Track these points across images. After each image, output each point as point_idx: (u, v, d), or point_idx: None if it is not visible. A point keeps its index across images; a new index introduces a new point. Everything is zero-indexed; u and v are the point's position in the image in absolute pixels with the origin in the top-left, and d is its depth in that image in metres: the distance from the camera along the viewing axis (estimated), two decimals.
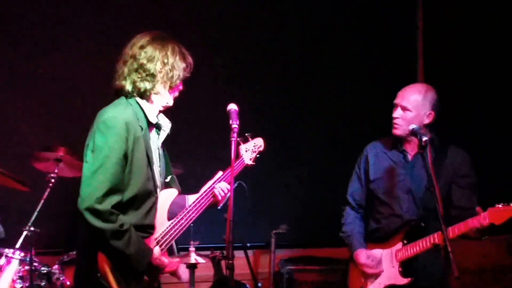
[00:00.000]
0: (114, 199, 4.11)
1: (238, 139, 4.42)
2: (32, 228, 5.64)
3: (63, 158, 5.90)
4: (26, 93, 6.80)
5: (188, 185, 4.70)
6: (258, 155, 4.81)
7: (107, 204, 4.07)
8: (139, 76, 4.26)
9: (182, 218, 4.40)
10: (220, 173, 4.60)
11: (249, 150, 4.76)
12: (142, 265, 4.20)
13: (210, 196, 4.53)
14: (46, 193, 5.83)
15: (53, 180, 5.89)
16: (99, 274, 4.13)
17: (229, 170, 4.54)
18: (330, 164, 7.40)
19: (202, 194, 4.52)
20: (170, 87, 4.33)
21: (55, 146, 5.92)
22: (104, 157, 4.10)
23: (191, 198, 4.53)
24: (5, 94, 6.77)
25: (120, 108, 4.22)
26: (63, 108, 6.83)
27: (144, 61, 4.26)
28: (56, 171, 5.91)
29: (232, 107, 4.44)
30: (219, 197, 4.56)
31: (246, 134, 4.76)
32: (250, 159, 4.75)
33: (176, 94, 4.39)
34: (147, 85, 4.27)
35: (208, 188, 4.56)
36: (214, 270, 6.53)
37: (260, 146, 4.84)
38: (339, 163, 5.93)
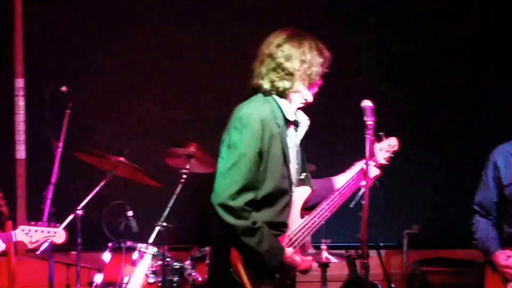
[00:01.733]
0: (248, 196, 4.09)
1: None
2: (164, 224, 5.71)
3: (195, 154, 5.94)
4: (158, 90, 6.92)
5: None
6: (392, 155, 4.70)
7: (240, 201, 4.06)
8: (278, 75, 4.22)
9: (315, 216, 4.34)
10: (357, 164, 4.52)
11: (383, 150, 4.66)
12: (274, 263, 4.16)
13: (344, 195, 4.44)
14: (178, 189, 5.88)
15: (184, 176, 5.94)
16: (231, 269, 4.13)
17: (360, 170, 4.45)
18: (463, 164, 7.18)
19: (336, 193, 4.43)
20: (309, 84, 4.27)
21: (186, 142, 5.97)
22: (239, 154, 4.09)
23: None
24: (138, 92, 6.92)
25: (257, 105, 4.20)
26: (195, 104, 6.91)
27: (282, 60, 4.21)
28: (187, 167, 5.96)
29: (367, 103, 4.34)
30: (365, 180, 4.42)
31: (380, 133, 4.64)
32: (384, 159, 4.64)
33: (316, 89, 4.33)
34: (286, 84, 4.22)
35: (344, 185, 4.47)
36: (349, 269, 6.44)
37: (395, 146, 4.72)
38: (472, 164, 5.73)
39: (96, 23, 6.92)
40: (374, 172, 4.42)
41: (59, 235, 4.89)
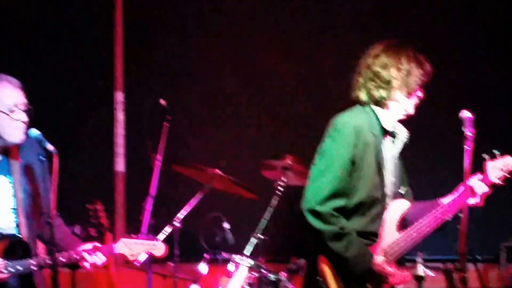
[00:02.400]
0: (337, 202, 4.11)
1: (486, 156, 4.21)
2: (260, 236, 5.73)
3: (291, 166, 5.94)
4: (254, 102, 6.97)
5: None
6: (509, 175, 4.50)
7: (328, 207, 4.09)
8: (374, 84, 4.23)
9: (413, 231, 4.27)
10: (461, 188, 4.38)
11: (497, 168, 4.46)
12: (361, 269, 4.14)
13: (448, 211, 4.32)
14: (274, 201, 5.89)
15: (281, 188, 5.95)
16: (319, 279, 4.14)
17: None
18: None
19: (438, 208, 4.34)
20: (408, 93, 4.24)
21: (283, 154, 5.99)
22: (330, 161, 4.13)
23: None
24: (234, 104, 6.99)
25: (353, 114, 4.23)
26: (291, 116, 6.94)
27: (378, 69, 4.23)
28: (284, 179, 5.97)
29: (466, 114, 4.26)
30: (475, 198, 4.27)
31: (494, 151, 4.49)
32: (498, 178, 4.42)
33: (417, 101, 4.29)
34: (382, 92, 4.22)
35: (448, 202, 4.35)
36: (447, 283, 6.34)
37: (509, 165, 4.53)
38: None
39: (194, 38, 7.04)
40: (481, 188, 4.23)
41: (158, 247, 4.93)
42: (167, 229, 5.62)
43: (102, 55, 6.97)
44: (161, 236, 5.57)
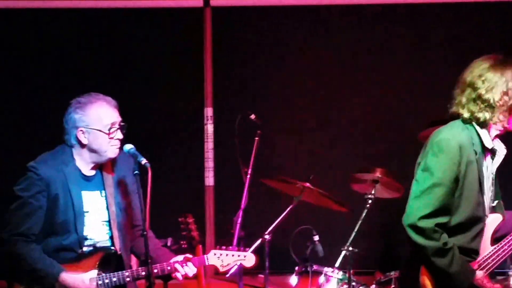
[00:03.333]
0: (440, 219, 4.08)
1: None
2: (350, 248, 5.74)
3: (380, 179, 5.95)
4: (343, 115, 7.01)
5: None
6: None
7: (431, 223, 4.06)
8: (478, 107, 4.14)
9: (505, 244, 4.24)
10: None
11: None
12: (464, 285, 4.13)
13: None
14: (364, 214, 5.90)
15: (370, 201, 5.95)
16: None
17: None
18: None
19: None
20: (511, 114, 4.17)
21: (372, 168, 5.99)
22: (434, 179, 4.08)
23: None
24: (323, 118, 7.03)
25: (455, 131, 4.16)
26: (380, 129, 6.93)
27: (483, 91, 4.12)
28: (373, 192, 5.97)
29: None
30: None
31: None
32: None
33: None
34: (486, 115, 4.13)
35: None
36: None
37: None
38: None
39: (284, 53, 7.13)
40: None
41: (249, 258, 4.99)
42: (257, 242, 5.68)
43: (192, 71, 7.09)
44: (252, 248, 5.65)
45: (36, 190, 4.66)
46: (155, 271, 4.70)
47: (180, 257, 4.82)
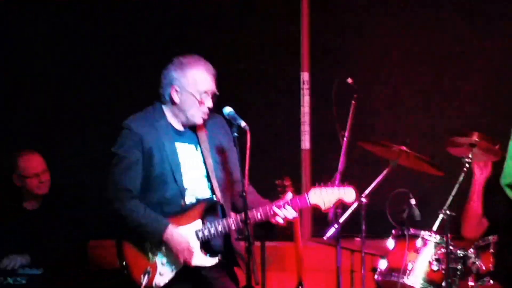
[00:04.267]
0: None
1: None
2: (448, 212, 5.71)
3: (478, 143, 5.87)
4: (440, 78, 6.96)
5: None
6: None
7: None
8: None
9: None
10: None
11: None
12: None
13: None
14: (461, 178, 5.85)
15: (467, 165, 5.90)
16: None
17: None
18: None
19: None
20: None
21: (469, 131, 5.93)
22: None
23: None
24: (420, 81, 6.99)
25: None
26: (477, 92, 6.86)
27: None
28: (470, 156, 5.91)
29: None
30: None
31: None
32: None
33: None
34: None
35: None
36: None
37: None
38: None
39: (380, 17, 7.08)
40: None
41: (349, 193, 4.95)
42: (354, 205, 5.71)
43: (289, 35, 7.12)
44: (349, 212, 5.69)
45: (131, 145, 4.79)
46: (258, 216, 4.75)
47: (281, 201, 4.86)
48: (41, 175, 6.27)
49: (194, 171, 4.85)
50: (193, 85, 4.80)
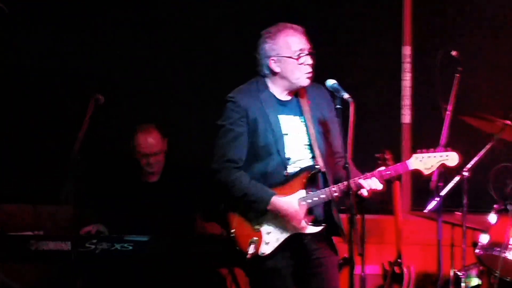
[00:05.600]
0: None
1: None
2: None
3: None
4: None
5: None
6: None
7: None
8: None
9: None
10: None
11: None
12: None
13: None
14: None
15: None
16: None
17: None
18: None
19: None
20: None
21: None
22: None
23: None
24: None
25: None
26: None
27: None
28: None
29: None
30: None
31: None
32: None
33: None
34: None
35: None
36: None
37: None
38: None
39: None
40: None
41: (452, 157, 4.90)
42: (456, 179, 5.69)
43: (391, 10, 7.11)
44: (450, 185, 5.67)
45: (236, 117, 4.86)
46: (341, 188, 4.77)
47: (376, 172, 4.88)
48: (151, 157, 6.33)
49: (297, 142, 4.90)
50: (287, 48, 4.85)
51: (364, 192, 4.82)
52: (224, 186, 4.85)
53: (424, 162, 4.88)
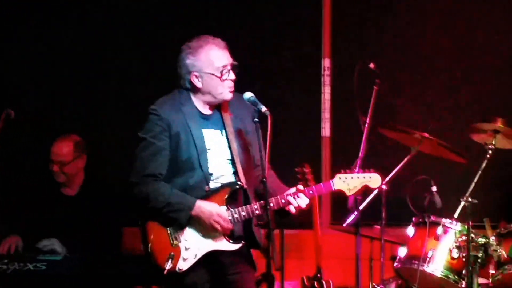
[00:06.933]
0: None
1: None
2: (469, 199, 5.66)
3: (501, 129, 5.82)
4: (463, 64, 6.90)
5: None
6: None
7: None
8: None
9: None
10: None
11: None
12: None
13: None
14: (483, 165, 5.79)
15: (490, 152, 5.84)
16: None
17: None
18: None
19: None
20: None
21: (492, 117, 5.87)
22: None
23: None
24: (441, 67, 6.94)
25: None
26: (500, 79, 6.81)
27: None
28: (493, 142, 5.85)
29: None
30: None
31: None
32: None
33: None
34: None
35: None
36: None
37: None
38: None
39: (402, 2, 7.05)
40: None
41: (374, 179, 4.91)
42: (374, 192, 5.67)
43: (310, 23, 7.09)
44: (369, 199, 5.65)
45: (158, 130, 4.76)
46: (271, 205, 4.72)
47: (292, 189, 4.84)
48: (61, 165, 6.24)
49: (219, 157, 4.84)
50: (210, 65, 4.79)
51: (292, 209, 4.80)
52: (144, 199, 4.75)
53: (348, 183, 4.88)
